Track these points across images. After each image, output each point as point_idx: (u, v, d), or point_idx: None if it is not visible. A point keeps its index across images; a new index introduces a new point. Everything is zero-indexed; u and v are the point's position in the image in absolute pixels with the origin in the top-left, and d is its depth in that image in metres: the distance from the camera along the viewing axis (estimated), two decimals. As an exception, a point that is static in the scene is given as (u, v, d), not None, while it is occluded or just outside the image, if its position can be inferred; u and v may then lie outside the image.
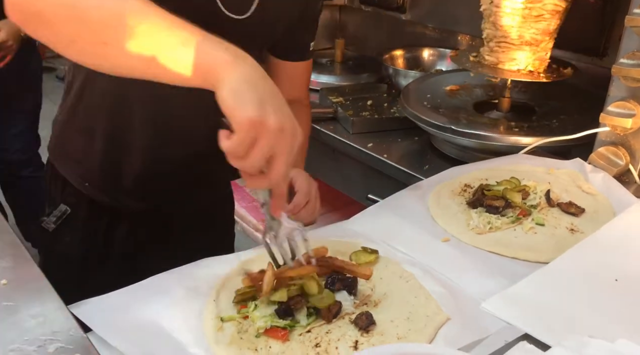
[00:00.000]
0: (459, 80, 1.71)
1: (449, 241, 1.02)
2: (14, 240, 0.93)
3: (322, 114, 1.81)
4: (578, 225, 1.05)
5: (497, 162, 1.29)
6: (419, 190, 1.18)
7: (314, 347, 0.77)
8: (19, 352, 0.71)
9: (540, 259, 0.97)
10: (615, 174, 1.18)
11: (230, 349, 0.76)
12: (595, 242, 0.97)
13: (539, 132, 1.41)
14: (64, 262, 1.24)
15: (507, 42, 1.41)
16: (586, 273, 0.90)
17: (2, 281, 0.82)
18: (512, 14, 1.37)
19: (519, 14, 1.36)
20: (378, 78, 2.10)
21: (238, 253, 0.97)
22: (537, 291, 0.87)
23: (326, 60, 2.25)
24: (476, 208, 1.10)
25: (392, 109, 1.83)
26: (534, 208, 1.09)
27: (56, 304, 0.79)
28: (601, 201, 1.12)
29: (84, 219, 1.23)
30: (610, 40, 1.65)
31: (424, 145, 1.64)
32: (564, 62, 1.51)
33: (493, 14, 1.40)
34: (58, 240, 1.24)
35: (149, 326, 0.80)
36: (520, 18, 1.37)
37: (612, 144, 1.19)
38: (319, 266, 0.87)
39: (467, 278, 0.92)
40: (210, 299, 0.85)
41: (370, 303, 0.85)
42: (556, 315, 0.82)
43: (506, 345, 0.77)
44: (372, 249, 0.95)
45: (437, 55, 2.14)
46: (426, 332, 0.79)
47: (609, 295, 0.86)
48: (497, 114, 1.56)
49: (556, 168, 1.23)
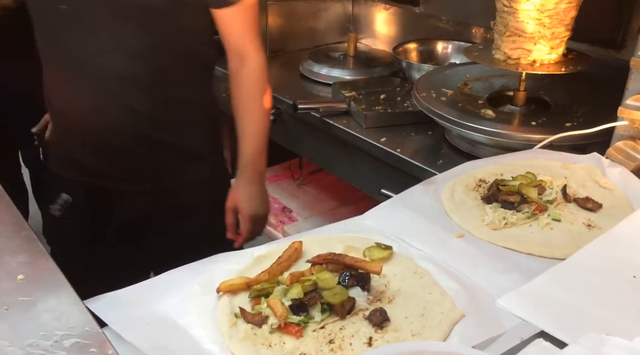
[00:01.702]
0: (473, 73, 1.69)
1: (463, 237, 1.01)
2: (30, 235, 0.94)
3: (335, 108, 1.80)
4: (595, 221, 1.04)
5: (512, 157, 1.27)
6: (432, 185, 1.17)
7: (327, 343, 0.77)
8: (35, 347, 0.71)
9: (556, 255, 0.95)
10: (634, 169, 1.16)
11: (244, 344, 0.76)
12: (612, 238, 0.95)
13: (555, 126, 1.39)
14: (71, 247, 1.38)
15: (522, 35, 1.39)
16: (603, 270, 0.89)
17: (19, 276, 0.83)
18: (527, 8, 1.34)
19: (534, 6, 1.34)
20: (391, 72, 2.08)
21: (252, 248, 0.97)
22: (554, 288, 0.86)
23: (339, 54, 2.24)
24: (491, 203, 1.08)
25: (406, 103, 1.82)
26: (550, 203, 1.08)
27: (72, 299, 0.80)
28: (619, 196, 1.11)
29: (84, 204, 1.35)
30: (628, 32, 1.62)
31: (438, 140, 1.63)
32: (581, 53, 1.49)
33: (508, 7, 1.38)
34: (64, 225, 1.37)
35: (164, 321, 0.81)
36: (536, 10, 1.35)
37: (631, 138, 1.17)
38: (329, 263, 0.87)
39: (482, 274, 0.91)
40: (224, 295, 0.85)
41: (384, 299, 0.85)
42: (573, 312, 0.81)
43: (522, 342, 0.76)
44: (386, 245, 0.95)
45: (451, 48, 2.11)
46: (441, 329, 0.79)
47: (627, 292, 0.85)
48: (511, 108, 1.54)
49: (573, 163, 1.21)
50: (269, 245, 0.99)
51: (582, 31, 1.43)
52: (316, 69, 2.09)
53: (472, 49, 1.54)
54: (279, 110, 1.94)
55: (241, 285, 0.85)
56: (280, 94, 1.92)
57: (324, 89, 2.03)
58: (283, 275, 0.87)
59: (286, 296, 0.82)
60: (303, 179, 2.46)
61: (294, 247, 0.93)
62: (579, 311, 0.81)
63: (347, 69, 2.12)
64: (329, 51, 2.27)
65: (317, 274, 0.84)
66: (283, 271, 0.89)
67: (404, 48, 2.09)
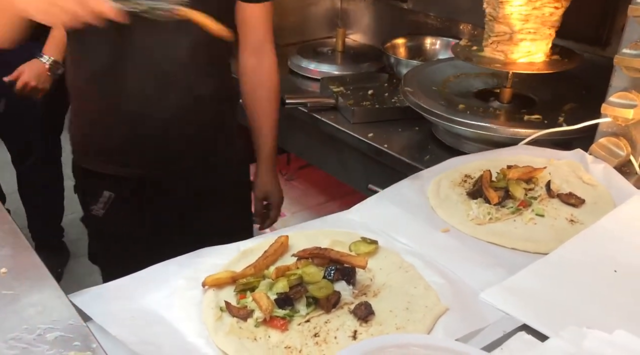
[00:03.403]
0: (460, 69, 1.70)
1: (448, 232, 1.02)
2: (13, 228, 0.93)
3: (322, 103, 1.80)
4: (578, 216, 1.05)
5: (498, 153, 1.28)
6: (419, 181, 1.18)
7: (312, 336, 0.77)
8: (18, 340, 0.71)
9: (539, 249, 0.97)
10: (616, 165, 1.17)
11: (229, 338, 0.77)
12: (594, 233, 0.96)
13: (540, 122, 1.40)
14: (113, 242, 1.41)
15: (509, 33, 1.39)
16: (585, 264, 0.90)
17: (2, 270, 0.83)
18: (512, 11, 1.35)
19: (521, 4, 1.35)
20: (379, 67, 2.08)
21: (237, 243, 0.97)
22: (536, 282, 0.87)
23: (327, 49, 2.24)
24: (476, 199, 1.09)
25: (393, 99, 1.82)
26: (534, 199, 1.09)
27: (56, 293, 0.80)
28: (601, 192, 1.12)
29: (127, 198, 1.36)
30: (613, 30, 1.63)
31: (425, 136, 1.64)
32: (567, 50, 1.50)
33: (495, 5, 1.39)
34: (108, 223, 1.38)
35: (149, 315, 0.80)
36: (522, 8, 1.35)
37: (614, 135, 1.19)
38: (314, 258, 0.87)
39: (466, 268, 0.92)
40: (210, 289, 0.85)
41: (370, 293, 0.86)
42: (555, 306, 0.82)
43: (505, 335, 0.77)
44: (371, 240, 0.95)
45: (439, 44, 2.12)
46: (425, 323, 0.79)
47: (607, 287, 0.86)
48: (498, 104, 1.55)
49: (557, 159, 1.23)
50: (255, 239, 0.99)
51: (567, 28, 1.44)
52: (304, 64, 2.09)
53: (460, 46, 1.55)
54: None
55: (227, 279, 0.85)
56: (268, 89, 1.91)
57: (312, 84, 2.03)
58: (269, 269, 0.87)
59: (272, 290, 0.82)
60: (291, 174, 2.46)
61: (280, 241, 0.93)
62: (561, 305, 0.82)
63: (335, 64, 2.12)
64: (317, 46, 2.27)
65: (303, 268, 0.84)
66: (269, 265, 0.89)
67: (392, 44, 2.09)
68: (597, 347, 0.72)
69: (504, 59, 1.43)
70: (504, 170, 1.13)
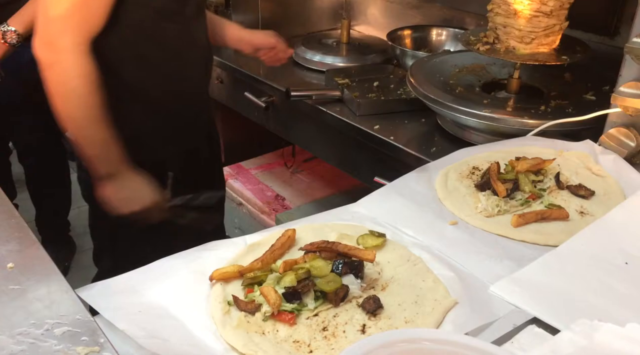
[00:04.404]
0: (467, 60, 1.68)
1: (456, 224, 1.01)
2: (20, 223, 0.93)
3: (328, 95, 1.79)
4: (587, 208, 1.04)
5: (506, 144, 1.27)
6: (426, 173, 1.17)
7: (321, 330, 0.77)
8: (25, 335, 0.71)
9: (549, 242, 0.96)
10: (626, 156, 1.16)
11: (237, 332, 0.76)
12: (605, 225, 0.95)
13: (549, 113, 1.39)
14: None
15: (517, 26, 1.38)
16: (596, 256, 0.89)
17: (9, 265, 0.82)
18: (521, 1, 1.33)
19: None
20: (385, 59, 2.07)
21: (244, 236, 0.97)
22: (546, 275, 0.86)
23: (332, 41, 2.22)
24: (484, 191, 1.08)
25: (399, 91, 1.81)
26: (543, 191, 1.08)
27: (63, 287, 0.79)
28: (611, 183, 1.11)
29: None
30: (622, 19, 1.61)
31: (432, 128, 1.62)
32: (576, 40, 1.48)
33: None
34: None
35: (156, 310, 0.80)
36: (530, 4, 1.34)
37: (623, 126, 1.17)
38: (322, 251, 0.87)
39: (475, 261, 0.91)
40: (217, 283, 0.85)
41: (378, 287, 0.85)
42: (565, 298, 0.81)
43: (515, 329, 0.77)
44: (379, 233, 0.95)
45: (445, 35, 2.10)
46: (434, 316, 0.79)
47: (618, 279, 0.85)
48: (505, 95, 1.53)
49: (566, 150, 1.21)
50: (261, 233, 0.99)
51: (576, 18, 1.42)
52: (309, 55, 2.07)
53: (467, 37, 1.53)
54: (272, 98, 1.92)
55: (234, 273, 0.85)
56: (273, 81, 1.90)
57: (317, 76, 2.01)
58: (276, 263, 0.87)
59: (279, 284, 0.81)
60: (296, 166, 2.46)
61: (287, 235, 0.92)
62: (571, 298, 0.81)
63: (340, 56, 2.10)
64: (322, 38, 2.25)
65: (311, 262, 0.84)
66: (276, 259, 0.88)
67: (397, 35, 2.07)
68: (609, 341, 0.71)
69: (511, 49, 1.41)
70: (512, 162, 1.12)
